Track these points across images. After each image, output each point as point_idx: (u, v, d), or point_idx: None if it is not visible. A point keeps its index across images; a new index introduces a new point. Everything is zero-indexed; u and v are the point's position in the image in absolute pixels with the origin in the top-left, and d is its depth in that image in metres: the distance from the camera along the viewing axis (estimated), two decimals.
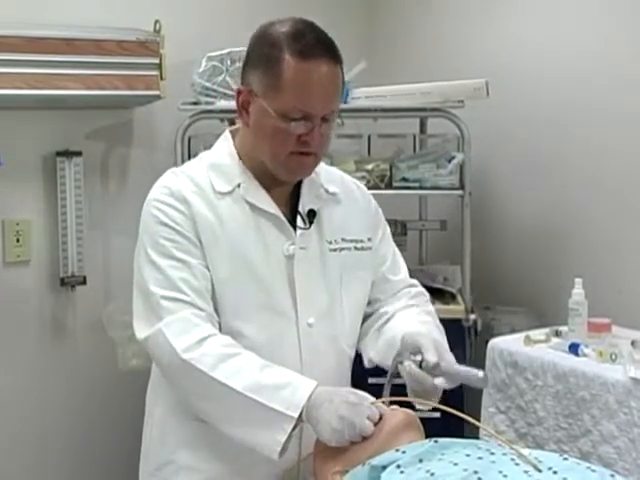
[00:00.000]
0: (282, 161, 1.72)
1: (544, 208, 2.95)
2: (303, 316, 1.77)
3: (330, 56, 1.69)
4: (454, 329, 2.70)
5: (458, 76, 2.83)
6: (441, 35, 3.31)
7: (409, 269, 3.07)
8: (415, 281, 1.99)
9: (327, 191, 1.85)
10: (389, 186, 2.86)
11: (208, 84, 2.83)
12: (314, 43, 1.68)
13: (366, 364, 1.87)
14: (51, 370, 2.98)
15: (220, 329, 1.72)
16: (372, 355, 1.84)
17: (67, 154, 2.91)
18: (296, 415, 1.59)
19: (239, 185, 1.77)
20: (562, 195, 2.87)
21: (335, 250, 1.82)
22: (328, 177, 1.88)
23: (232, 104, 2.74)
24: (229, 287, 1.73)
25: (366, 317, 1.91)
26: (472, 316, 2.78)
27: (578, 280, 2.45)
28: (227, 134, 1.85)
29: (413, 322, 1.80)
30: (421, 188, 2.88)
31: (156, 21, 2.85)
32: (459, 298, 2.86)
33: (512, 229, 3.08)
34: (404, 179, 2.86)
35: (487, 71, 2.86)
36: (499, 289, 3.07)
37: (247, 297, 1.74)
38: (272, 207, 1.76)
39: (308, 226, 1.79)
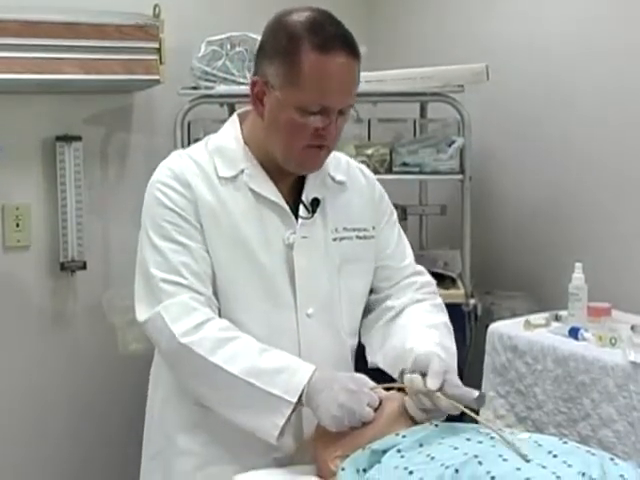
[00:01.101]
0: (295, 154, 1.72)
1: (544, 192, 2.95)
2: (302, 306, 1.76)
3: (349, 49, 1.68)
4: (454, 314, 2.66)
5: (458, 60, 2.82)
6: (441, 19, 3.29)
7: None
8: (421, 268, 1.95)
9: (334, 179, 1.84)
10: (389, 171, 2.86)
11: (208, 69, 2.82)
12: (333, 35, 1.67)
13: (369, 362, 1.85)
14: (51, 355, 2.98)
15: (219, 315, 1.73)
16: (378, 359, 1.82)
17: (66, 139, 2.91)
18: (294, 400, 1.59)
19: (242, 171, 1.76)
20: (562, 180, 2.86)
21: (336, 239, 1.81)
22: (336, 164, 1.86)
23: (232, 89, 2.78)
24: (228, 273, 1.73)
25: (371, 308, 1.89)
26: (472, 301, 2.78)
27: (578, 264, 2.45)
28: (235, 117, 1.84)
29: (425, 335, 1.75)
30: (421, 173, 2.87)
31: (155, 5, 2.84)
32: (459, 283, 2.86)
33: (512, 214, 3.08)
34: (404, 164, 2.85)
35: (487, 55, 2.85)
36: (499, 273, 3.08)
37: (246, 284, 1.74)
38: (275, 195, 1.76)
39: (311, 215, 1.78)
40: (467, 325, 2.78)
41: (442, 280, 2.89)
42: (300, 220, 1.76)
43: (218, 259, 1.73)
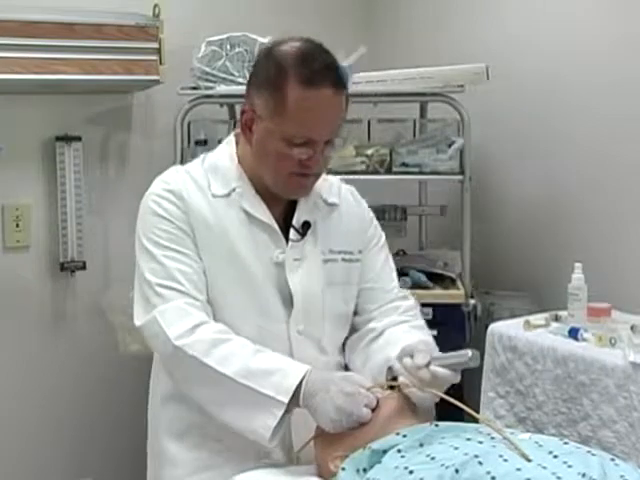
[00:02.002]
0: (282, 181, 1.75)
1: (544, 193, 2.95)
2: (294, 323, 1.79)
3: (336, 82, 1.69)
4: (454, 314, 2.70)
5: (458, 61, 2.82)
6: (441, 19, 3.29)
7: (409, 254, 3.08)
8: (406, 293, 1.99)
9: (326, 201, 1.87)
10: (389, 171, 2.86)
11: (207, 69, 2.82)
12: (320, 69, 1.68)
13: None
14: (51, 355, 2.98)
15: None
16: None
17: (66, 139, 2.91)
18: (286, 400, 1.60)
19: (234, 189, 1.79)
20: (562, 180, 2.86)
21: (326, 261, 1.84)
22: (328, 187, 1.90)
23: (232, 89, 2.78)
24: (220, 283, 1.76)
25: (355, 328, 1.92)
26: (472, 301, 2.78)
27: (578, 265, 2.44)
28: (231, 138, 1.88)
29: (405, 340, 1.77)
30: (421, 173, 2.87)
31: (155, 5, 2.84)
32: (459, 283, 2.85)
33: (512, 214, 3.08)
34: (404, 164, 2.85)
35: (487, 55, 2.85)
36: (499, 274, 3.07)
37: (237, 295, 1.77)
38: (265, 215, 1.79)
39: (301, 238, 1.81)
40: (467, 325, 2.78)
41: (442, 280, 2.89)
42: (290, 243, 1.80)
43: (210, 269, 1.76)
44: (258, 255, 1.77)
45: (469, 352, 1.58)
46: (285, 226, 1.81)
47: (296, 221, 1.81)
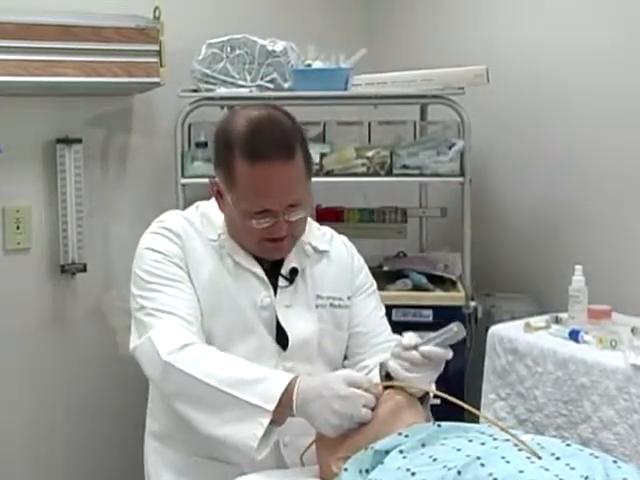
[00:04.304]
0: (256, 247, 1.79)
1: (544, 195, 2.95)
2: (283, 362, 1.81)
3: (284, 154, 1.69)
4: (454, 316, 2.69)
5: (458, 63, 2.82)
6: (441, 22, 3.30)
7: (409, 256, 3.07)
8: (398, 337, 1.95)
9: (316, 249, 1.90)
10: (389, 173, 2.85)
11: (208, 71, 2.82)
12: (265, 143, 1.69)
13: None
14: (51, 357, 2.98)
15: None
16: None
17: (67, 141, 2.91)
18: (271, 408, 1.59)
19: (220, 235, 1.83)
20: (562, 182, 2.86)
21: (316, 306, 1.87)
22: (320, 235, 1.94)
23: (232, 91, 2.79)
24: (211, 320, 1.79)
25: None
26: (472, 303, 2.78)
27: (578, 267, 2.45)
28: None
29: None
30: (421, 175, 2.87)
31: (155, 8, 2.84)
32: (459, 285, 2.85)
33: (513, 216, 3.08)
34: (404, 166, 2.85)
35: (488, 57, 2.85)
36: (499, 276, 3.08)
37: (228, 334, 1.79)
38: (247, 261, 1.83)
39: (289, 284, 1.84)
40: (467, 327, 2.78)
41: (442, 282, 2.89)
42: (279, 289, 1.83)
43: (202, 305, 1.79)
44: (246, 298, 1.81)
45: (453, 326, 1.60)
46: (275, 274, 1.84)
47: (284, 268, 1.84)
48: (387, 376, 1.67)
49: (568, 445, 1.43)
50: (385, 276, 2.83)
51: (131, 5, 2.82)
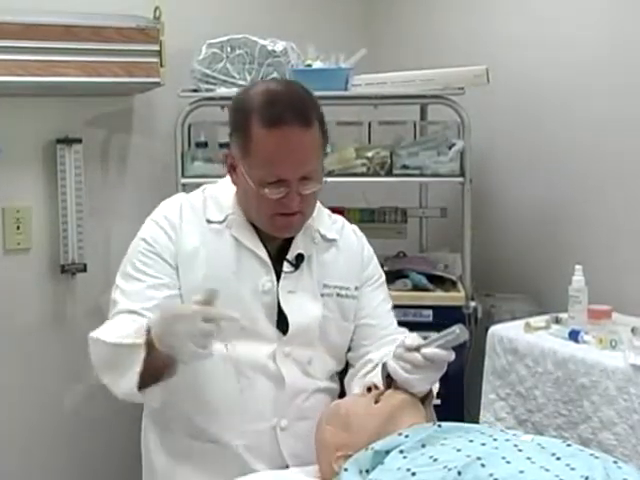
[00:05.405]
0: (267, 221, 1.78)
1: (544, 195, 2.95)
2: (281, 346, 1.81)
3: (301, 121, 1.70)
4: (454, 316, 2.70)
5: (459, 63, 2.82)
6: (441, 22, 3.30)
7: (409, 256, 3.07)
8: (405, 330, 1.98)
9: (324, 237, 1.90)
10: (389, 173, 2.86)
11: (208, 71, 2.82)
12: (283, 109, 1.70)
13: None
14: (51, 357, 2.97)
15: None
16: None
17: (67, 141, 2.91)
18: (141, 341, 1.60)
19: (228, 216, 1.83)
20: (562, 182, 2.86)
21: (322, 295, 1.86)
22: (330, 223, 1.93)
23: (232, 91, 2.78)
24: None
25: (352, 363, 1.93)
26: (472, 303, 2.78)
27: (578, 267, 2.44)
28: None
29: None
30: (421, 175, 2.87)
31: (156, 8, 2.84)
32: (459, 285, 2.85)
33: (513, 216, 3.08)
34: (404, 166, 2.85)
35: (488, 57, 2.85)
36: (499, 276, 3.08)
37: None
38: (253, 243, 1.82)
39: (294, 270, 1.83)
40: (467, 328, 2.78)
41: (442, 282, 2.89)
42: (283, 274, 1.82)
43: (193, 291, 1.76)
44: (244, 280, 1.80)
45: (456, 328, 1.60)
46: (281, 259, 1.84)
47: (290, 254, 1.84)
48: (388, 377, 1.67)
49: (568, 445, 1.44)
50: (385, 276, 2.83)
51: (131, 5, 2.82)
